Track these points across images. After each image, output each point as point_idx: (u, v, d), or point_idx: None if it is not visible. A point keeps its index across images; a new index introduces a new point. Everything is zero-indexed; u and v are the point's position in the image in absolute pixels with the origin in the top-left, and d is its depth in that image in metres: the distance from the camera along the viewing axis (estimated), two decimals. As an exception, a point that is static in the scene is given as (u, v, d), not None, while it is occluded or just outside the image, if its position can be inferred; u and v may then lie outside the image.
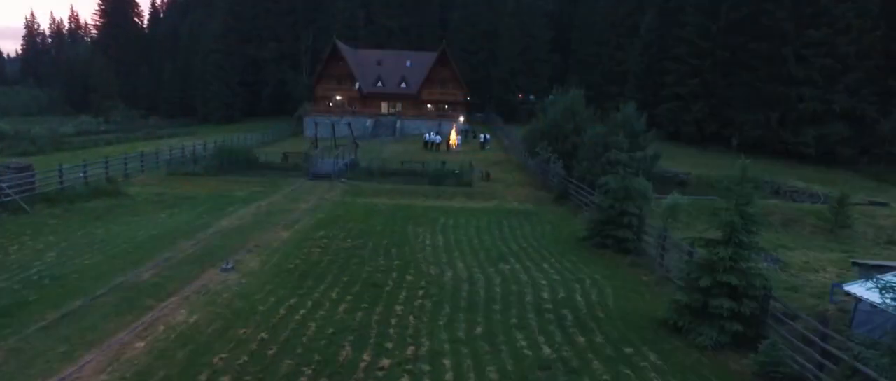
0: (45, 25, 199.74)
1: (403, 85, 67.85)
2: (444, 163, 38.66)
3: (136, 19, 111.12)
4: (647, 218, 18.84)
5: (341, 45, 64.54)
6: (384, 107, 68.32)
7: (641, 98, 60.77)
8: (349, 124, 50.62)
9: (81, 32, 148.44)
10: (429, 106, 67.47)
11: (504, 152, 48.98)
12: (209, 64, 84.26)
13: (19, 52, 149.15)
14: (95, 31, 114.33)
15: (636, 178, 18.71)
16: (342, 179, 31.45)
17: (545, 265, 17.14)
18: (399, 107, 67.70)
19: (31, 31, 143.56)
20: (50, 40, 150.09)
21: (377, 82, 67.76)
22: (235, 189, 29.08)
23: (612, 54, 69.41)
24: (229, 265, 15.38)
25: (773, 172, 41.91)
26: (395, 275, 15.59)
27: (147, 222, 21.31)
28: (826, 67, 46.89)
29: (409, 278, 15.44)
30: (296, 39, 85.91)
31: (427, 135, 50.07)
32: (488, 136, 52.82)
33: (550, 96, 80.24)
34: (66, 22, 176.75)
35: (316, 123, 51.09)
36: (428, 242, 19.57)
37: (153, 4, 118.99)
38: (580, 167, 26.24)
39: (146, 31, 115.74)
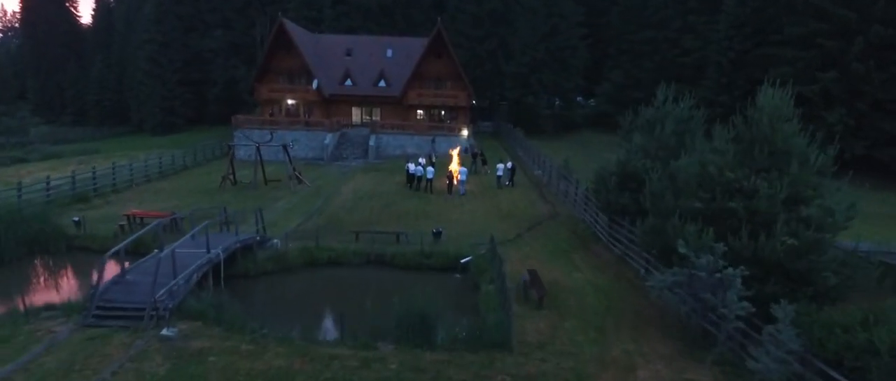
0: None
1: (382, 83, 48.33)
2: (438, 233, 19.85)
3: (69, 6, 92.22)
4: None
5: (292, 27, 44.98)
6: (355, 114, 48.74)
7: (726, 102, 41.79)
8: (285, 147, 31.17)
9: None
10: (418, 113, 47.95)
11: (539, 196, 29.36)
12: (142, 58, 65.53)
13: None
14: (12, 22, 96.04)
15: None
16: (167, 330, 11.86)
17: None
18: (376, 115, 48.15)
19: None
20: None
21: (345, 80, 48.16)
22: None
23: (676, 39, 50.15)
24: None
25: None
26: None
27: None
28: None
29: None
30: (249, 26, 66.98)
31: (411, 165, 30.33)
32: (511, 164, 32.78)
33: (583, 99, 61.91)
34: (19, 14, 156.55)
35: (230, 146, 31.99)
36: None
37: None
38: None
39: (81, 19, 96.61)
